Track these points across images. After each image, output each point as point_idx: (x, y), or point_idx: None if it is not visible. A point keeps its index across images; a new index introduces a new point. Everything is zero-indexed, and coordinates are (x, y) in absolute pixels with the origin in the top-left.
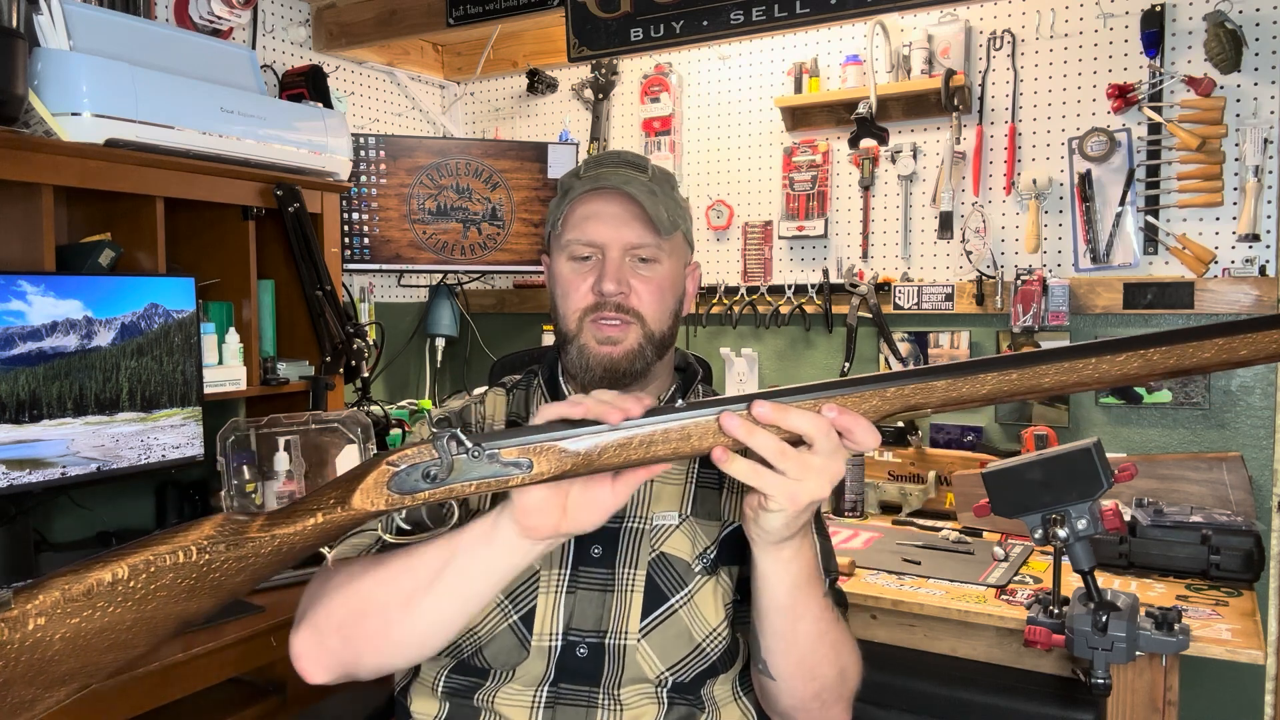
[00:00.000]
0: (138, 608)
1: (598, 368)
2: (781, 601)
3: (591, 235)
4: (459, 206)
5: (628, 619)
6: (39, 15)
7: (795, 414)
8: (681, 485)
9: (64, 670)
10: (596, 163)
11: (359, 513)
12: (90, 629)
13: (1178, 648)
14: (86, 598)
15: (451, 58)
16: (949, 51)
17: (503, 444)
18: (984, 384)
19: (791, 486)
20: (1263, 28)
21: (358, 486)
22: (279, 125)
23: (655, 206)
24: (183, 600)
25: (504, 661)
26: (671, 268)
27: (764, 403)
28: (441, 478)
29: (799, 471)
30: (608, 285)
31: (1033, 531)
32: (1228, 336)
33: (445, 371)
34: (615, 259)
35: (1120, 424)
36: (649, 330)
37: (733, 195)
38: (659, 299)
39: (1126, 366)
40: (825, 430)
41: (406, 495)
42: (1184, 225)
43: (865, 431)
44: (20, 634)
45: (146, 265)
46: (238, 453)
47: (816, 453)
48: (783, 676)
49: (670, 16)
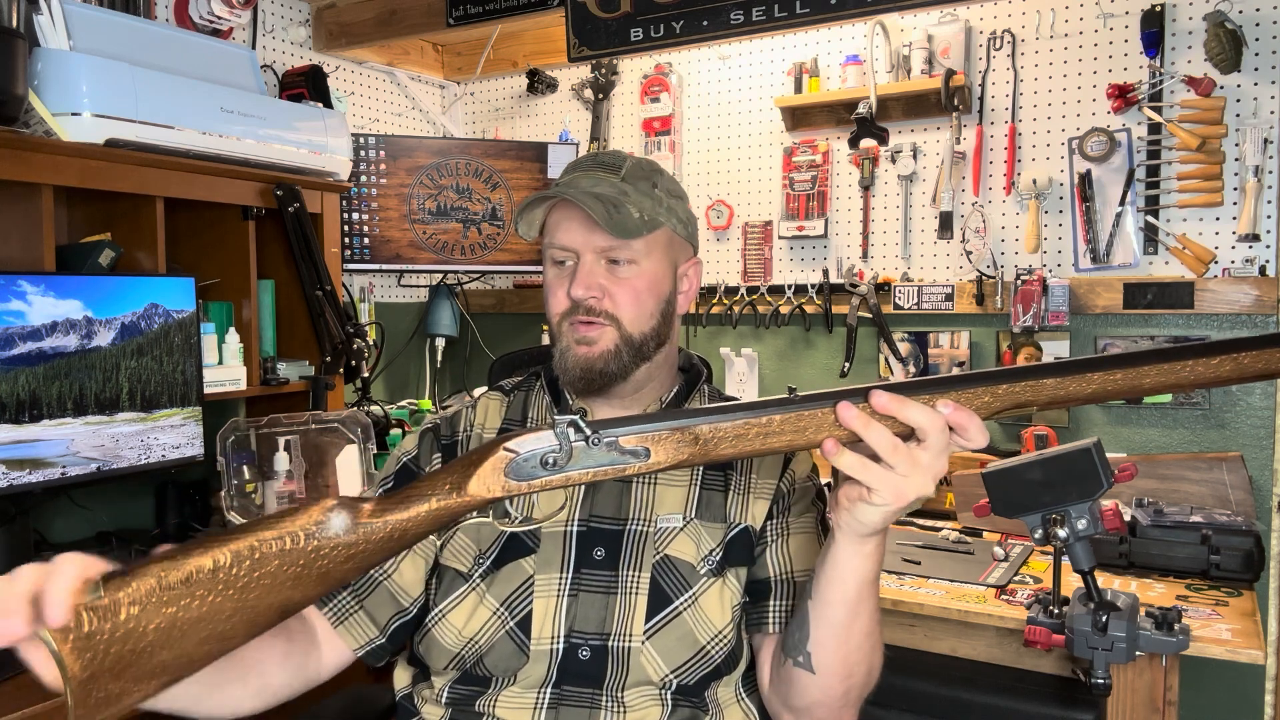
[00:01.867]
0: (239, 596)
1: (575, 368)
2: (851, 595)
3: (563, 240)
4: (459, 206)
5: (631, 621)
6: (39, 15)
7: (913, 407)
8: (686, 488)
9: (156, 663)
10: (573, 167)
11: (474, 499)
12: (187, 619)
13: (1178, 648)
14: (185, 585)
15: (451, 58)
16: (949, 51)
17: (621, 432)
18: (1089, 383)
19: (898, 482)
20: (1263, 28)
21: (474, 472)
22: (279, 125)
23: (617, 212)
24: (287, 589)
25: (504, 668)
26: (652, 267)
27: (883, 393)
28: (561, 464)
29: (908, 467)
30: (576, 291)
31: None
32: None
33: (445, 371)
34: (587, 263)
35: (1120, 424)
36: (626, 333)
37: (733, 195)
38: (635, 301)
39: (1220, 370)
40: (940, 426)
41: (524, 482)
42: (1184, 225)
43: (978, 430)
44: (111, 624)
45: (146, 265)
46: (238, 453)
47: (927, 449)
48: (824, 671)
49: (670, 16)
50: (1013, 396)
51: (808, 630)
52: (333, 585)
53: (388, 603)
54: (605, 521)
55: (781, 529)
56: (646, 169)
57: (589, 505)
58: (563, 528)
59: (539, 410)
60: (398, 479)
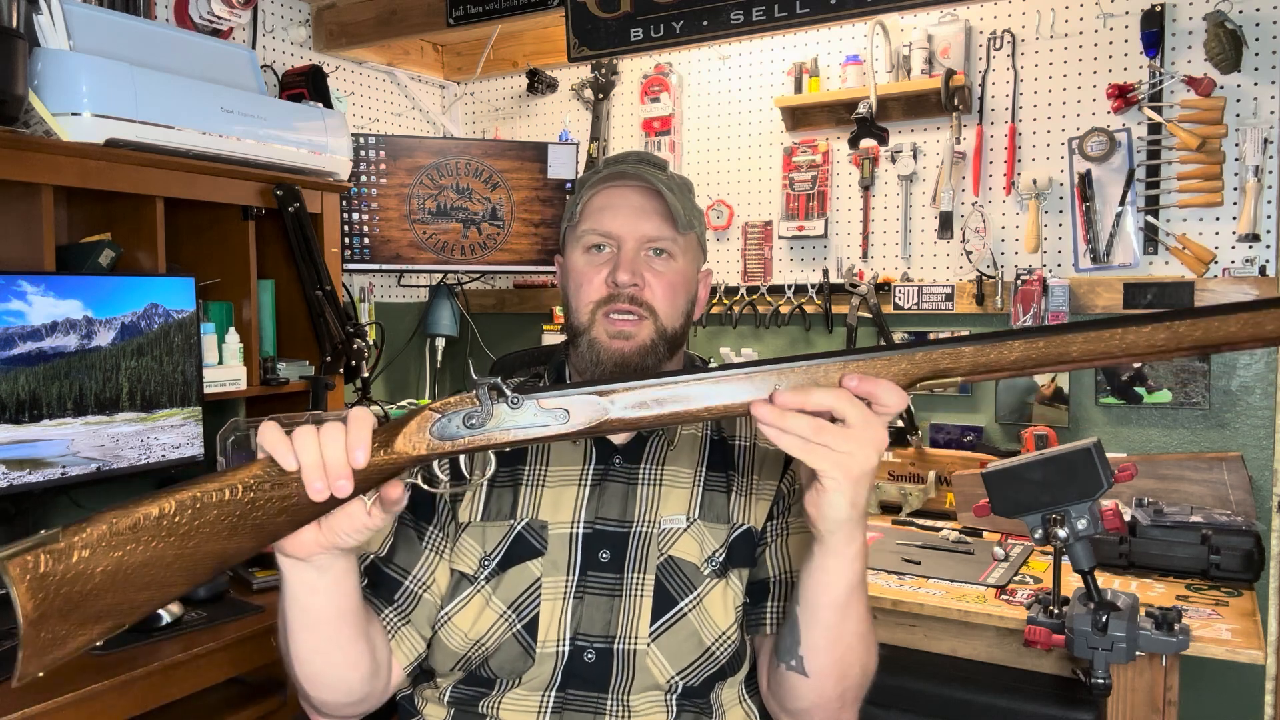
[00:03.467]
0: (180, 544)
1: (608, 362)
2: (839, 599)
3: (608, 226)
4: (459, 206)
5: (637, 624)
6: (39, 15)
7: (815, 394)
8: (689, 488)
9: (100, 606)
10: (617, 160)
11: (400, 456)
12: (131, 563)
13: (1178, 648)
14: (132, 531)
15: (451, 58)
16: (949, 51)
17: (542, 395)
18: (1012, 350)
19: (839, 459)
20: (1263, 28)
21: (401, 430)
22: (279, 125)
23: (674, 200)
24: (223, 538)
25: (510, 670)
26: (685, 266)
27: (784, 393)
28: (480, 424)
29: (840, 442)
30: (622, 275)
31: (1033, 531)
32: (1253, 312)
33: (445, 371)
34: (631, 250)
35: (1120, 424)
36: (661, 326)
37: (733, 195)
38: (672, 295)
39: (1154, 338)
40: (848, 401)
41: (447, 441)
42: (1184, 225)
43: (888, 392)
44: (64, 565)
45: (146, 265)
46: (238, 453)
47: (851, 424)
48: (817, 674)
49: (670, 16)
50: (930, 364)
51: (799, 635)
52: (267, 539)
53: (432, 614)
54: (611, 524)
55: (781, 529)
56: (683, 178)
57: (594, 507)
58: (569, 530)
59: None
60: None
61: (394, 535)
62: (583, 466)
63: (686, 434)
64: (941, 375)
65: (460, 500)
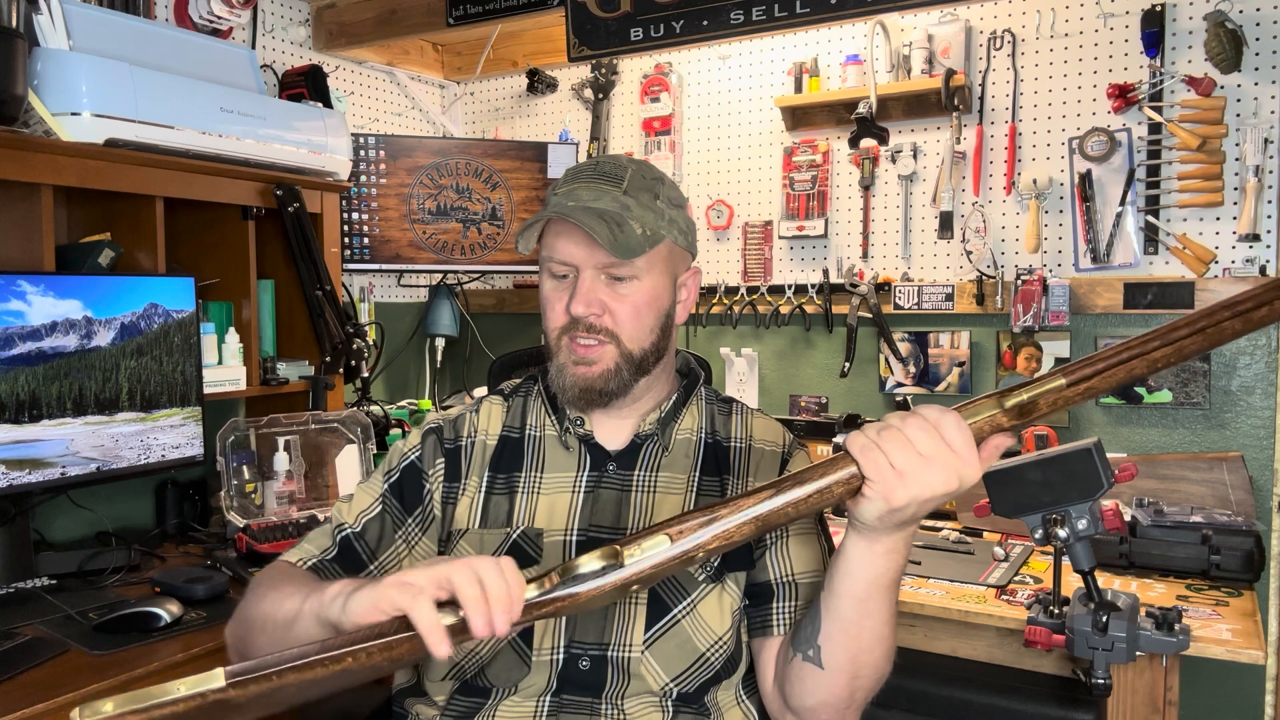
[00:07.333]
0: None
1: (573, 388)
2: (857, 591)
3: (563, 255)
4: (459, 206)
5: (631, 631)
6: (39, 15)
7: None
8: (683, 495)
9: None
10: (574, 175)
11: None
12: None
13: (1178, 648)
14: None
15: (451, 57)
16: (949, 51)
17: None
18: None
19: (891, 479)
20: (1263, 28)
21: None
22: (279, 125)
23: (620, 231)
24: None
25: (506, 679)
26: (652, 283)
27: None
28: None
29: (901, 457)
30: (576, 308)
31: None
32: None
33: (445, 371)
34: (588, 279)
35: (1120, 424)
36: (626, 350)
37: (733, 195)
38: (635, 318)
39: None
40: (927, 431)
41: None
42: (1184, 225)
43: (956, 430)
44: None
45: (146, 265)
46: (237, 453)
47: (925, 454)
48: (831, 668)
49: (670, 16)
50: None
51: (819, 623)
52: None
53: None
54: (604, 531)
55: (780, 531)
56: (648, 178)
57: (588, 515)
58: (563, 537)
59: (538, 416)
60: (404, 475)
61: (379, 519)
62: (576, 474)
63: (681, 438)
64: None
65: (458, 505)
